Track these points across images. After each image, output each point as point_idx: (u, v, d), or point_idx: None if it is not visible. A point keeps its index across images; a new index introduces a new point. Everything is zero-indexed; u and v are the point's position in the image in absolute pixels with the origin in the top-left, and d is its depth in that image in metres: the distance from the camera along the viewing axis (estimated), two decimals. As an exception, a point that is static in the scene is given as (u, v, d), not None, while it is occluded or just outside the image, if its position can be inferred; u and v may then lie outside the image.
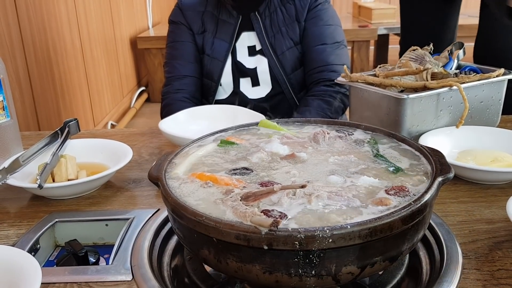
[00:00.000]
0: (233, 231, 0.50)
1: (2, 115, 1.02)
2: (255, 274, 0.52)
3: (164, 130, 1.08)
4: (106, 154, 1.01)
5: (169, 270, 0.70)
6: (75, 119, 1.06)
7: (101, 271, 0.67)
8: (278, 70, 1.53)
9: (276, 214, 0.52)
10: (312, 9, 1.54)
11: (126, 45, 3.82)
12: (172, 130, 1.08)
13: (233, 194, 0.56)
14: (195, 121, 1.24)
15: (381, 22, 4.15)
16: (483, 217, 0.78)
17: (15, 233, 0.79)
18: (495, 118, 1.12)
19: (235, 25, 1.52)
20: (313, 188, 0.57)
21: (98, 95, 3.06)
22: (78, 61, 2.74)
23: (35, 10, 2.25)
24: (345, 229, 0.48)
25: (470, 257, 0.67)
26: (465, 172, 0.89)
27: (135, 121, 3.69)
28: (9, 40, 2.04)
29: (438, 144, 0.93)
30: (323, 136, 0.73)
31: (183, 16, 1.58)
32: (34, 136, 1.27)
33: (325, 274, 0.51)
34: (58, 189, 0.88)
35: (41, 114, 2.29)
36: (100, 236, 0.82)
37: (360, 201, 0.56)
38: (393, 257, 0.55)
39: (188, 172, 0.66)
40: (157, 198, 0.88)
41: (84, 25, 2.84)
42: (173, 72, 1.58)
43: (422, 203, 0.54)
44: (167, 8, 5.14)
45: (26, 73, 2.18)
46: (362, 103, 1.10)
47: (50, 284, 0.65)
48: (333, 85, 1.50)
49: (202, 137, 0.76)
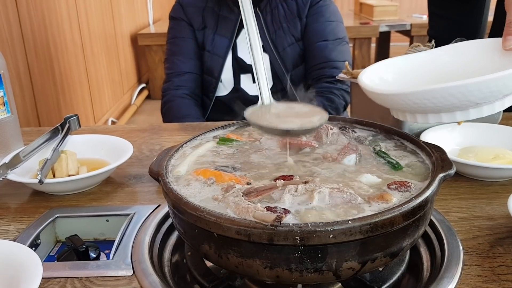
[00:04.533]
0: (234, 226, 0.50)
1: (3, 110, 1.02)
2: (256, 269, 0.52)
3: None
4: (107, 150, 1.01)
5: (169, 266, 0.70)
6: (76, 115, 1.06)
7: (102, 266, 0.67)
8: (279, 67, 1.52)
9: (280, 210, 0.52)
10: (313, 6, 1.54)
11: (127, 42, 3.82)
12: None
13: (234, 190, 0.56)
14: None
15: (382, 19, 4.14)
16: (484, 214, 0.78)
17: (16, 228, 0.79)
18: (497, 115, 1.12)
19: (235, 21, 1.52)
20: (315, 185, 0.57)
21: (98, 92, 3.05)
22: (79, 57, 2.73)
23: (35, 6, 2.25)
24: (346, 225, 0.48)
25: (471, 253, 0.67)
26: (466, 168, 0.88)
27: (135, 118, 3.69)
28: (10, 36, 2.04)
29: (439, 141, 0.92)
30: (326, 131, 0.73)
31: (183, 12, 1.58)
32: (34, 131, 1.26)
33: (326, 270, 0.51)
34: (58, 185, 0.88)
35: (41, 110, 2.29)
36: (100, 232, 0.82)
37: (361, 197, 0.55)
38: (394, 253, 0.54)
39: (189, 168, 0.66)
40: (157, 194, 0.88)
41: (84, 21, 2.84)
42: (173, 69, 1.58)
43: (423, 198, 0.53)
44: (167, 5, 5.13)
45: (26, 69, 2.18)
46: (363, 99, 1.09)
47: (51, 279, 0.65)
48: (334, 81, 1.50)
49: (201, 134, 0.76)
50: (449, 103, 0.60)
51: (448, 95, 0.59)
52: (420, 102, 0.61)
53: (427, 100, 0.60)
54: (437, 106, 0.61)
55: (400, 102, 0.63)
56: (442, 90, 0.59)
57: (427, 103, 0.60)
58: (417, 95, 0.60)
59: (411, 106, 0.62)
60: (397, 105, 0.65)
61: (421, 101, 0.61)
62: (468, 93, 0.59)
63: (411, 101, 0.61)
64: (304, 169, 0.65)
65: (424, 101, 0.60)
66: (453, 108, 0.62)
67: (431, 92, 0.60)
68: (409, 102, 0.62)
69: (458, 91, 0.58)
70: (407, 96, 0.61)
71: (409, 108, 0.63)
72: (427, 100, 0.60)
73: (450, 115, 0.64)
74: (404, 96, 0.62)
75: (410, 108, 0.63)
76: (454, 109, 0.62)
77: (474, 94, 0.59)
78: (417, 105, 0.61)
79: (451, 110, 0.62)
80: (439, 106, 0.61)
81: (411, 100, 0.61)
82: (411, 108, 0.63)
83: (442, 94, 0.59)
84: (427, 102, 0.60)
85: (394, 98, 0.64)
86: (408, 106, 0.63)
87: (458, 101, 0.59)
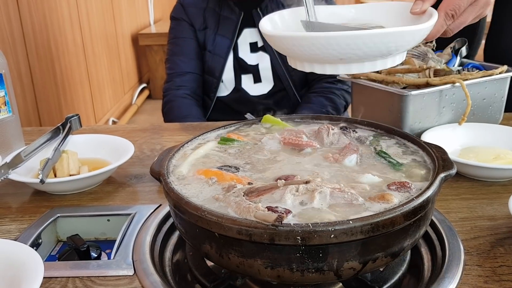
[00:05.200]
0: (235, 226, 0.50)
1: (4, 110, 1.02)
2: (257, 269, 0.52)
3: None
4: (108, 150, 1.01)
5: (170, 265, 0.70)
6: (77, 114, 1.06)
7: (103, 266, 0.67)
8: (280, 67, 1.52)
9: (281, 210, 0.52)
10: (314, 6, 1.54)
11: (128, 42, 3.82)
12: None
13: (236, 190, 0.56)
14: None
15: (383, 19, 4.13)
16: (485, 214, 0.78)
17: (17, 228, 0.79)
18: (498, 115, 1.12)
19: (237, 21, 1.52)
20: (316, 185, 0.57)
21: (99, 92, 3.06)
22: (80, 57, 2.74)
23: (37, 6, 2.25)
24: (347, 225, 0.48)
25: (472, 253, 0.67)
26: (467, 169, 0.88)
27: (136, 118, 3.69)
28: (11, 36, 2.04)
29: (440, 141, 0.92)
30: (327, 132, 0.73)
31: (184, 12, 1.58)
32: (35, 131, 1.27)
33: (327, 269, 0.51)
34: (60, 184, 0.88)
35: (43, 109, 2.29)
36: (102, 231, 0.82)
37: (362, 198, 0.56)
38: (395, 253, 0.55)
39: (191, 168, 0.66)
40: (158, 194, 0.88)
41: (85, 21, 2.84)
42: (174, 69, 1.58)
43: (424, 199, 0.54)
44: (168, 5, 5.13)
45: (27, 69, 2.18)
46: (364, 99, 1.09)
47: (52, 278, 0.65)
48: (335, 81, 1.50)
49: (202, 134, 0.76)
50: (336, 53, 0.59)
51: (336, 44, 0.58)
52: (309, 49, 0.60)
53: (316, 48, 0.59)
54: (329, 54, 0.59)
55: (292, 48, 0.62)
56: (327, 37, 0.57)
57: (315, 50, 0.59)
58: (306, 40, 0.59)
59: (303, 53, 0.61)
60: (291, 51, 0.64)
61: (310, 47, 0.59)
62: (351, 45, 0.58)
63: (301, 46, 0.60)
64: (305, 169, 0.65)
65: (312, 48, 0.59)
66: (337, 61, 0.61)
67: (319, 39, 0.58)
68: (300, 48, 0.61)
69: (344, 41, 0.57)
70: (295, 40, 0.60)
71: (301, 55, 0.62)
72: (315, 47, 0.59)
73: (333, 67, 0.63)
74: (292, 40, 0.61)
75: (302, 55, 0.62)
76: (338, 61, 0.61)
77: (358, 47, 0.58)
78: (309, 52, 0.60)
79: (335, 62, 0.61)
80: (331, 54, 0.59)
81: (301, 45, 0.60)
82: (303, 56, 0.62)
83: (328, 42, 0.58)
84: (315, 50, 0.59)
85: (284, 41, 0.63)
86: (300, 52, 0.62)
87: (344, 51, 0.58)
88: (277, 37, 0.63)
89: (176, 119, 1.49)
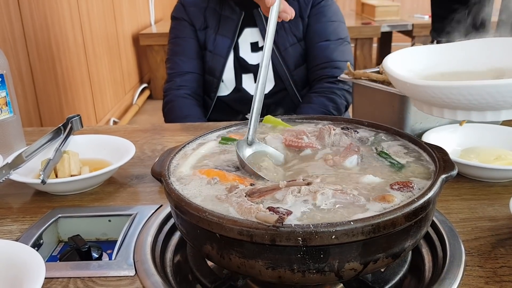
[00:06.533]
0: (236, 227, 0.50)
1: (5, 110, 1.02)
2: (258, 269, 0.52)
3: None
4: (109, 150, 1.01)
5: (171, 266, 0.71)
6: (78, 115, 1.06)
7: (104, 266, 0.67)
8: (281, 67, 1.52)
9: (283, 211, 0.52)
10: (315, 6, 1.54)
11: (128, 42, 3.82)
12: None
13: (238, 190, 0.56)
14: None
15: (384, 19, 4.14)
16: (486, 215, 0.77)
17: (19, 228, 0.79)
18: (499, 116, 1.12)
19: (237, 21, 1.52)
20: (318, 186, 0.57)
21: (100, 92, 3.06)
22: (80, 57, 2.74)
23: (38, 6, 2.25)
24: (348, 226, 0.48)
25: (473, 254, 0.67)
26: (468, 169, 0.88)
27: (137, 118, 3.69)
28: (12, 36, 2.04)
29: (441, 142, 0.92)
30: (328, 132, 0.73)
31: (185, 12, 1.58)
32: (37, 132, 1.27)
33: (328, 270, 0.51)
34: (61, 185, 0.88)
35: (44, 110, 2.29)
36: (103, 232, 0.82)
37: (364, 198, 0.56)
38: (396, 254, 0.55)
39: (192, 168, 0.66)
40: (160, 194, 0.89)
41: (86, 22, 2.84)
42: (175, 69, 1.58)
43: (425, 199, 0.53)
44: (169, 5, 5.13)
45: (28, 69, 2.18)
46: (365, 100, 1.09)
47: (53, 279, 0.65)
48: (336, 82, 1.50)
49: (203, 135, 0.76)
50: (485, 101, 0.54)
51: (486, 94, 0.53)
52: (454, 97, 0.55)
53: (462, 96, 0.55)
54: (471, 103, 0.55)
55: (431, 95, 0.58)
56: (481, 87, 0.53)
57: (461, 99, 0.55)
58: (453, 89, 0.55)
59: (443, 100, 0.57)
60: (426, 97, 0.59)
61: (456, 96, 0.55)
62: (507, 93, 0.53)
63: (444, 95, 0.56)
64: (306, 170, 0.65)
65: (458, 97, 0.55)
66: (486, 107, 0.56)
67: (468, 88, 0.54)
68: (441, 96, 0.56)
69: (497, 90, 0.53)
70: (441, 89, 0.56)
71: (439, 102, 0.58)
72: (462, 96, 0.55)
73: (480, 114, 0.58)
74: (437, 89, 0.56)
75: (440, 102, 0.58)
76: (487, 108, 0.57)
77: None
78: (450, 99, 0.56)
79: (483, 109, 0.57)
80: (473, 103, 0.55)
81: (444, 94, 0.56)
82: (441, 102, 0.58)
83: (480, 91, 0.53)
84: (461, 98, 0.55)
85: (425, 90, 0.58)
86: (439, 100, 0.57)
87: (494, 100, 0.54)
88: (425, 87, 0.57)
89: (176, 119, 1.49)
